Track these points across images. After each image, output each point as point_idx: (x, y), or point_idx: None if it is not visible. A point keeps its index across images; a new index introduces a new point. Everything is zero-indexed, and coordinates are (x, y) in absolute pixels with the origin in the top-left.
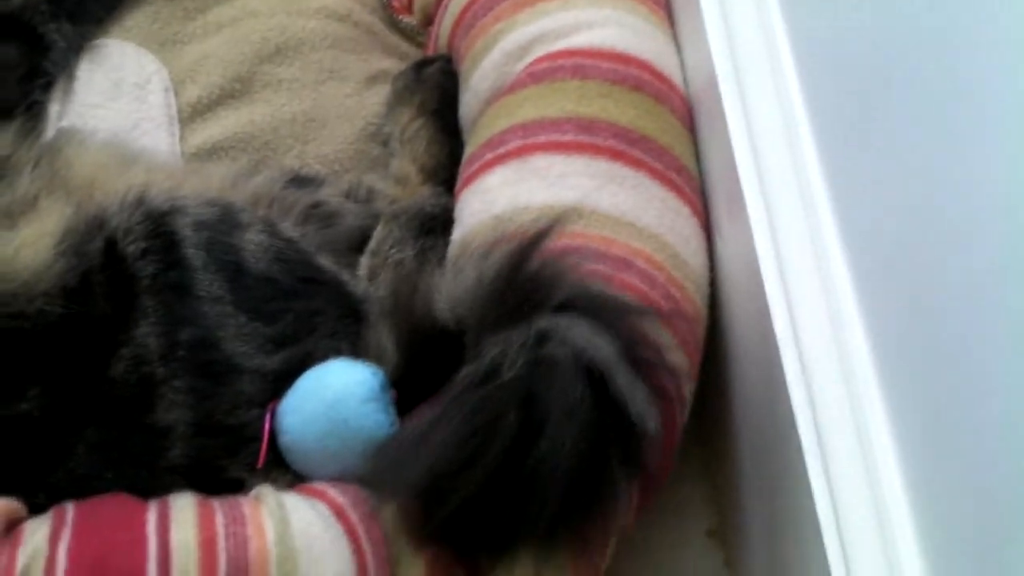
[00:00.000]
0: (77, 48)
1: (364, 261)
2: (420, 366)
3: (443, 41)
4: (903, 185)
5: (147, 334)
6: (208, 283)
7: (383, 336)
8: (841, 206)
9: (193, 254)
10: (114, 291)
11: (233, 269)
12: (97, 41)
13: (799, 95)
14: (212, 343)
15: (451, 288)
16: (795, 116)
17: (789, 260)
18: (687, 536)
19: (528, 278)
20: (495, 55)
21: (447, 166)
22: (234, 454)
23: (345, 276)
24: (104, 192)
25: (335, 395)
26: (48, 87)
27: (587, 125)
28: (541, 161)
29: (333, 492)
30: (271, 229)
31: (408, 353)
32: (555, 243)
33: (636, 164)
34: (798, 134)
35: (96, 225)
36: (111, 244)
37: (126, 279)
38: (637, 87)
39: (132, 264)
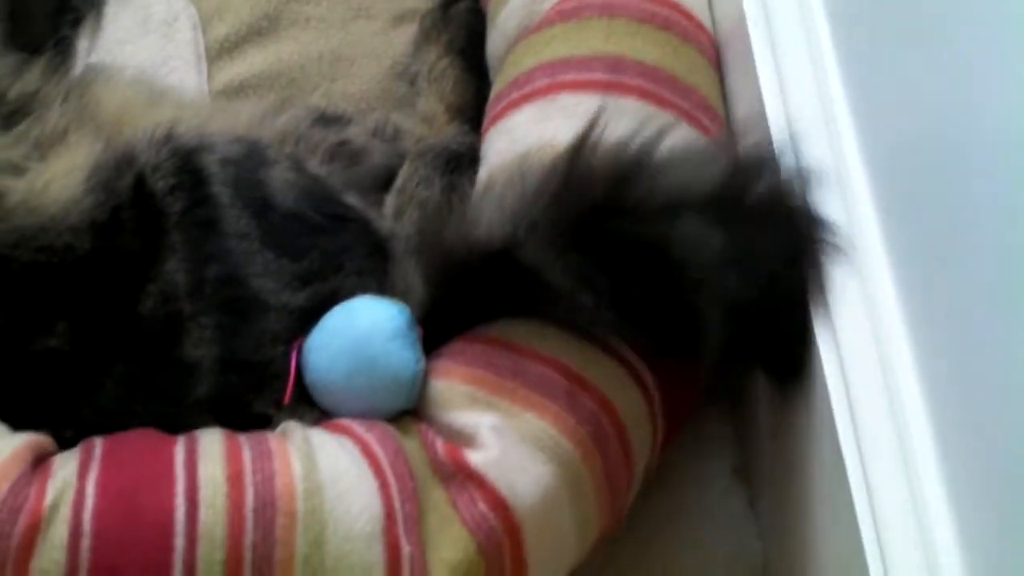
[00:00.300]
0: None
1: (390, 199)
2: (446, 302)
3: None
4: (930, 124)
5: (175, 270)
6: (235, 219)
7: (410, 272)
8: (868, 145)
9: (220, 191)
10: (142, 227)
11: (260, 206)
12: None
13: (828, 37)
14: (239, 279)
15: (496, 206)
16: (824, 59)
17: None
18: (712, 474)
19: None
20: None
21: (474, 105)
22: (260, 390)
23: (372, 214)
24: (133, 128)
25: (361, 333)
26: (77, 23)
27: (614, 64)
28: (568, 99)
29: (359, 428)
30: (298, 166)
31: (435, 289)
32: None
33: (663, 103)
34: (827, 77)
35: (125, 161)
36: (140, 180)
37: (154, 215)
38: (665, 26)
39: (160, 200)
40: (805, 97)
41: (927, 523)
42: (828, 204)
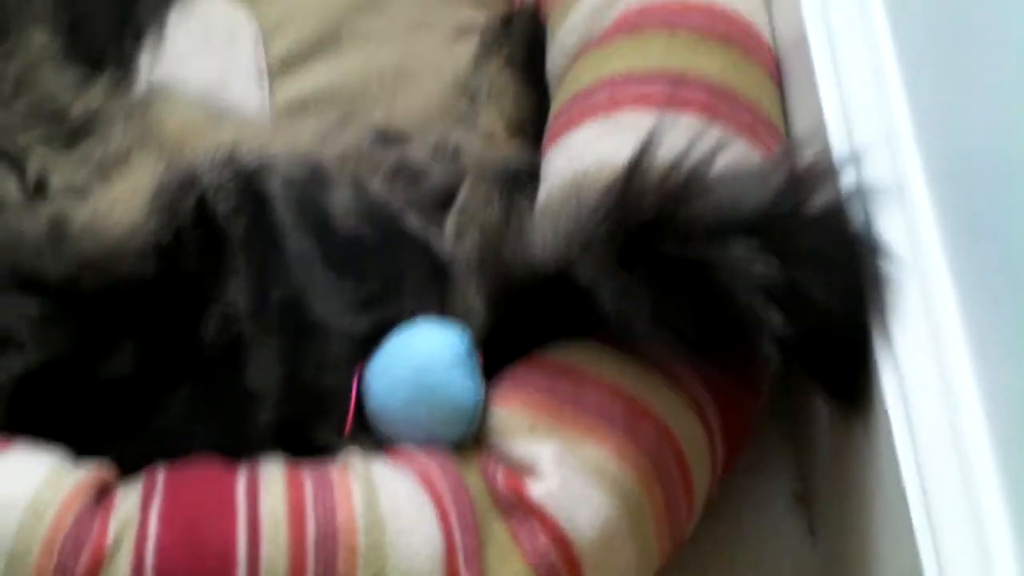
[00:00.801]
0: None
1: (450, 219)
2: (507, 324)
3: None
4: (996, 142)
5: (237, 292)
6: (297, 241)
7: (471, 294)
8: (932, 163)
9: (282, 212)
10: (205, 249)
11: (322, 228)
12: None
13: (891, 53)
14: (301, 302)
15: (552, 226)
16: (887, 77)
17: (875, 211)
18: (771, 498)
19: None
20: (583, 7)
21: (534, 121)
22: (322, 417)
23: (432, 235)
24: (194, 149)
25: (421, 361)
26: (138, 37)
27: (676, 78)
28: (628, 115)
29: (421, 458)
30: (359, 188)
31: (495, 310)
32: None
33: (724, 118)
34: (889, 96)
35: (187, 182)
36: (202, 202)
37: (216, 237)
38: (726, 41)
39: (223, 222)
40: (867, 113)
41: (988, 549)
42: (889, 223)
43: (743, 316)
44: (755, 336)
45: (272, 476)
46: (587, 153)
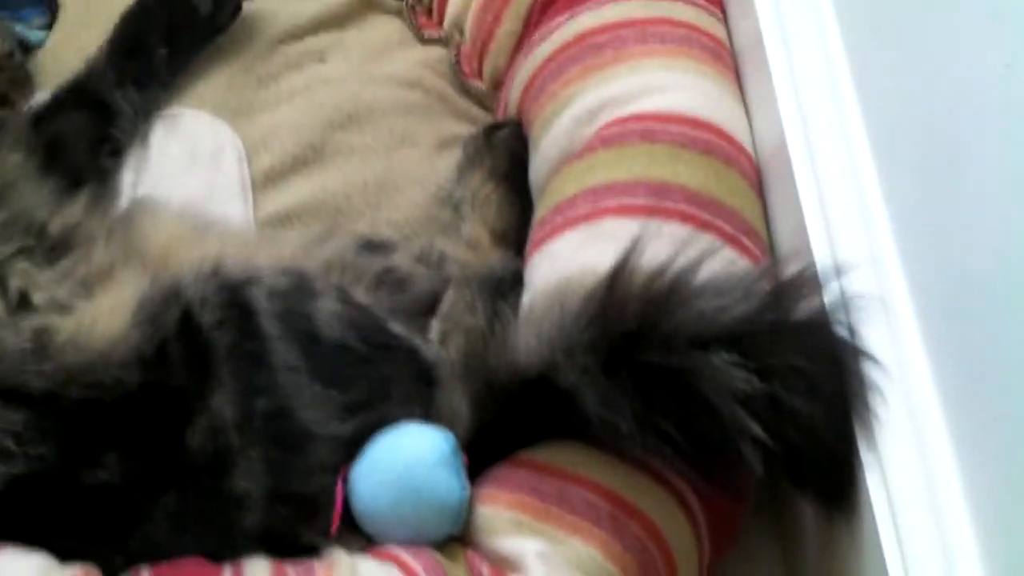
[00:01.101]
0: (145, 114)
1: (435, 325)
2: (491, 427)
3: (513, 106)
4: (978, 255)
5: (223, 403)
6: (283, 352)
7: (456, 397)
8: (914, 274)
9: (268, 324)
10: (190, 361)
11: (307, 338)
12: (172, 110)
13: (871, 162)
14: (287, 412)
15: (535, 332)
16: (866, 182)
17: (859, 323)
18: None
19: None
20: (565, 120)
21: (518, 229)
22: (308, 521)
23: (417, 341)
24: (179, 262)
25: (406, 461)
26: (117, 154)
27: (657, 188)
28: (612, 224)
29: (406, 556)
30: (344, 296)
31: (480, 414)
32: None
33: (706, 226)
34: (868, 200)
35: (172, 295)
36: (187, 314)
37: (202, 349)
38: (707, 150)
39: (208, 334)
40: (849, 224)
41: None
42: (872, 331)
43: (725, 425)
44: (738, 444)
45: (257, 574)
46: (570, 260)
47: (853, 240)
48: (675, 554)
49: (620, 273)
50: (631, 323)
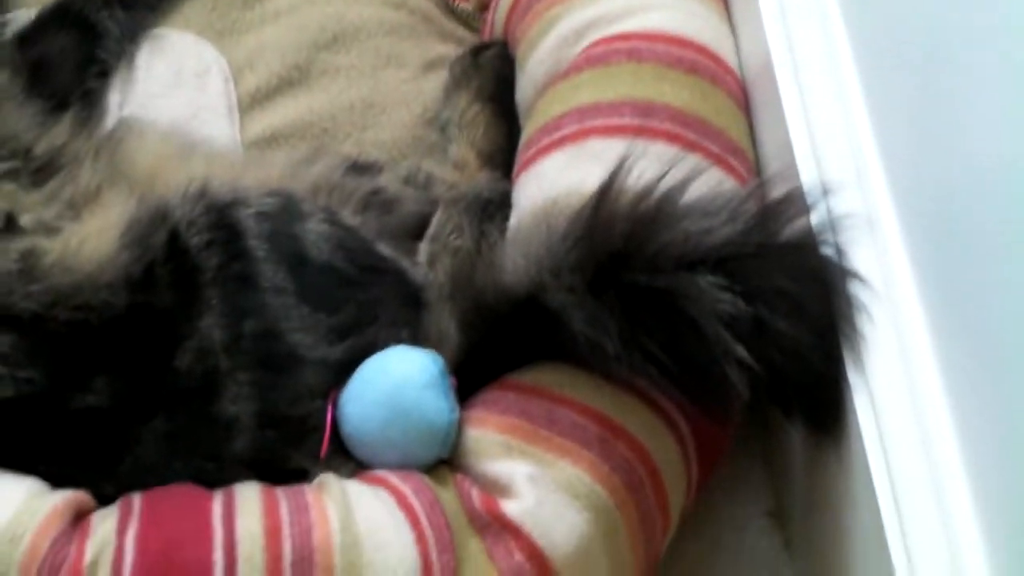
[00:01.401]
0: (131, 36)
1: (424, 247)
2: (480, 349)
3: (499, 27)
4: (963, 168)
5: (211, 326)
6: (271, 274)
7: (444, 319)
8: (900, 190)
9: (256, 245)
10: (178, 283)
11: (296, 259)
12: (157, 31)
13: (857, 80)
14: (276, 334)
15: (522, 252)
16: (852, 101)
17: (846, 243)
18: (746, 516)
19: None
20: (551, 40)
21: (505, 151)
22: (298, 444)
23: (405, 263)
24: (166, 184)
25: (395, 383)
26: (103, 75)
27: (643, 108)
28: (598, 144)
29: (395, 479)
30: (332, 218)
31: (468, 335)
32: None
33: (692, 147)
34: (855, 119)
35: (159, 217)
36: (174, 236)
37: (189, 271)
38: (692, 70)
39: (196, 256)
40: (834, 142)
41: (961, 563)
42: (859, 251)
43: (710, 346)
44: (723, 366)
45: (248, 499)
46: (557, 181)
47: (839, 159)
48: (663, 475)
49: (607, 193)
50: (618, 243)
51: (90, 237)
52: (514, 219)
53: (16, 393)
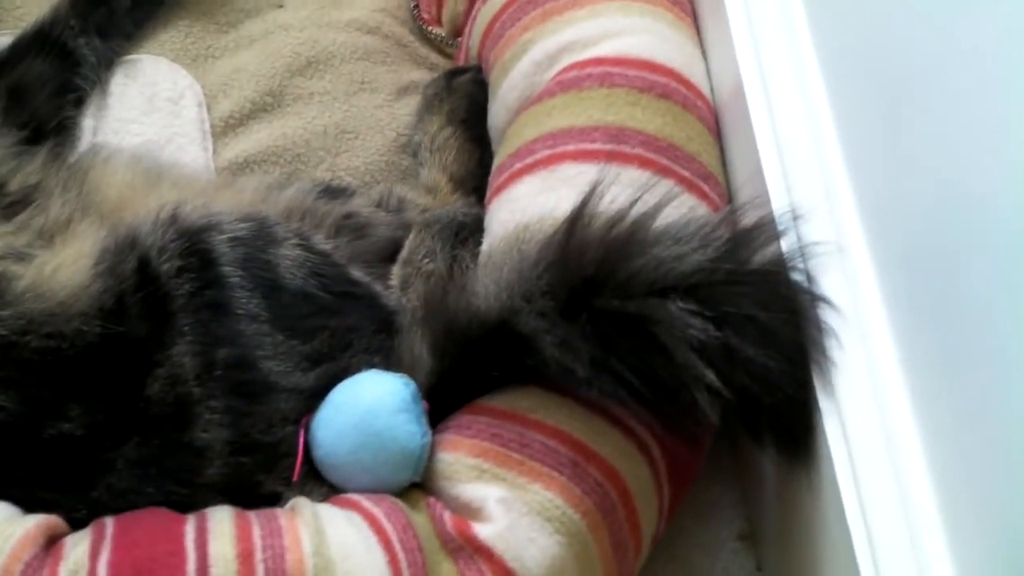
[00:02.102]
0: (108, 63)
1: (396, 271)
2: (452, 373)
3: (473, 52)
4: (932, 191)
5: (183, 353)
6: (245, 301)
7: (416, 343)
8: (869, 215)
9: (230, 271)
10: (149, 311)
11: (269, 286)
12: (131, 56)
13: (827, 106)
14: (249, 362)
15: (494, 277)
16: (823, 126)
17: (816, 269)
18: (718, 540)
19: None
20: (524, 65)
21: (477, 175)
22: (270, 469)
23: (378, 288)
24: (135, 211)
25: (366, 408)
26: (79, 102)
27: (615, 133)
28: (570, 170)
29: (367, 503)
30: (305, 243)
31: (441, 360)
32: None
33: (664, 172)
34: (825, 143)
35: (128, 244)
36: (145, 263)
37: (161, 298)
38: (664, 95)
39: (167, 283)
40: (805, 168)
41: None
42: (828, 277)
43: (681, 372)
44: (693, 391)
45: (220, 523)
46: (529, 206)
47: (810, 185)
48: (635, 498)
49: (579, 218)
50: (589, 269)
51: (62, 266)
52: (486, 244)
53: None
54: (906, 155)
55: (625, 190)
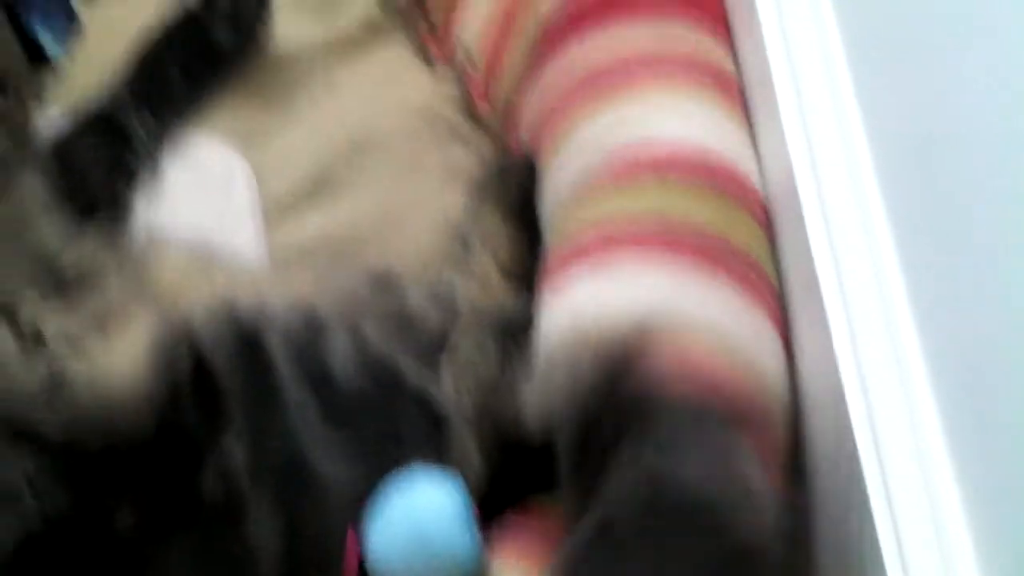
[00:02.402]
0: (158, 138)
1: (445, 365)
2: (503, 473)
3: (524, 136)
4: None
5: (234, 447)
6: (295, 395)
7: (467, 444)
8: (920, 307)
9: (281, 366)
10: (203, 405)
11: (320, 380)
12: (182, 134)
13: (878, 196)
14: (299, 456)
15: (539, 401)
16: (874, 220)
17: (871, 373)
18: None
19: (621, 402)
20: (573, 150)
21: (527, 263)
22: (322, 568)
23: (428, 382)
24: (189, 300)
25: (421, 514)
26: (131, 179)
27: (666, 223)
28: (620, 259)
29: None
30: (357, 336)
31: (491, 460)
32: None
33: (714, 263)
34: (878, 240)
35: (183, 337)
36: (199, 358)
37: (214, 392)
38: (715, 185)
39: (220, 377)
40: (856, 261)
41: None
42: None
43: None
44: None
45: None
46: (579, 296)
47: (864, 284)
48: None
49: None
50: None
51: (117, 360)
52: (539, 339)
53: (43, 515)
54: (964, 253)
55: (675, 281)
